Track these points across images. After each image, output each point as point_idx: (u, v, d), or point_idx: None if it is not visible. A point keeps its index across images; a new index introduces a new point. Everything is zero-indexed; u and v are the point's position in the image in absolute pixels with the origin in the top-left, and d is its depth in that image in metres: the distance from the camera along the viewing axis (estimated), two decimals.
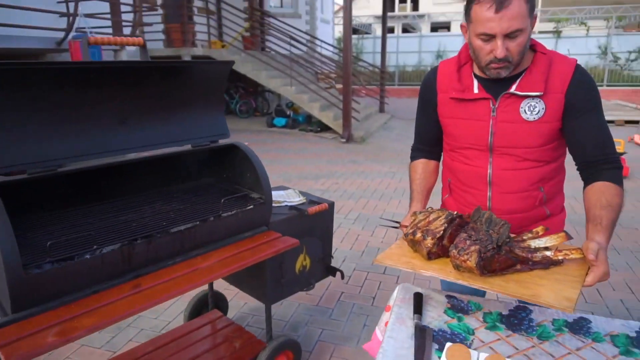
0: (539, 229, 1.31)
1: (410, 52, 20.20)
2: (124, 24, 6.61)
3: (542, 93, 1.31)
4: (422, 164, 1.65)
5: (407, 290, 1.45)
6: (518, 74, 1.34)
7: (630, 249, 3.68)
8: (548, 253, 1.22)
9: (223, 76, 1.98)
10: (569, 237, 1.25)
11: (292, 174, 5.96)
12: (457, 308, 1.35)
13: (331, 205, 2.33)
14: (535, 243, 1.27)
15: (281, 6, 13.96)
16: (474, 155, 1.45)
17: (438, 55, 19.52)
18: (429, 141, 1.63)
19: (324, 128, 9.31)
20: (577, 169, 1.41)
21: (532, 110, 1.32)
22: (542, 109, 1.32)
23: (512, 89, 1.33)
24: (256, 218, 1.92)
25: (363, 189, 5.45)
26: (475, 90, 1.39)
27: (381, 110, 12.25)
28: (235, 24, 10.21)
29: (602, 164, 1.34)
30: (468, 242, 1.21)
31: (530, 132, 1.34)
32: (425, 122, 1.60)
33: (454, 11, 24.26)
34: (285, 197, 2.34)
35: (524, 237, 1.30)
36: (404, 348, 1.18)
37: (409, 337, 1.22)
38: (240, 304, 2.88)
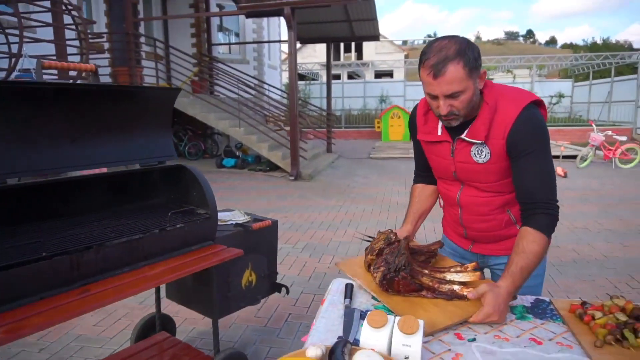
0: (470, 265, 1.46)
1: (356, 97, 21.19)
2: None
3: (483, 141, 1.43)
4: (419, 188, 1.79)
5: (341, 283, 1.62)
6: (470, 120, 1.45)
7: (553, 263, 4.05)
8: (455, 287, 1.39)
9: (170, 102, 2.14)
10: (482, 277, 1.41)
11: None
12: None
13: (274, 223, 2.49)
14: (451, 276, 1.44)
15: (229, 52, 14.39)
16: (449, 183, 1.64)
17: (381, 99, 20.59)
18: (424, 167, 1.74)
19: (273, 168, 9.51)
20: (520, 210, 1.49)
21: (480, 154, 1.46)
22: (488, 153, 1.44)
23: (463, 135, 1.46)
24: (202, 232, 2.04)
25: (311, 221, 5.62)
26: (439, 133, 1.54)
27: (328, 150, 12.66)
28: (185, 68, 10.42)
29: (532, 208, 1.40)
30: (382, 263, 1.44)
31: (482, 171, 1.49)
32: (417, 151, 1.75)
33: (395, 59, 25.83)
34: (231, 216, 2.48)
35: (451, 269, 1.47)
36: (334, 325, 1.33)
37: (340, 317, 1.38)
38: (189, 328, 2.91)
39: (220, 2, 13.81)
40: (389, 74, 31.31)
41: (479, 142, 1.44)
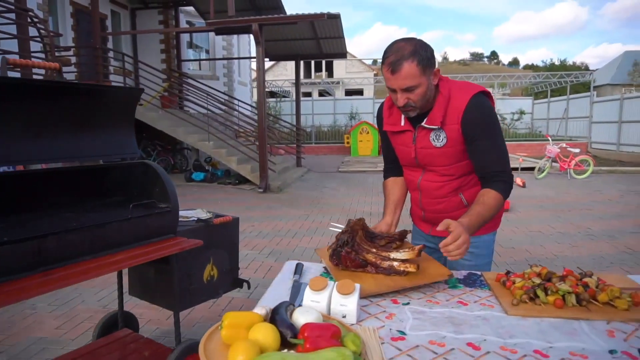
0: (418, 247, 1.56)
1: (326, 113, 21.54)
2: (35, 77, 6.59)
3: (439, 127, 1.63)
4: (391, 181, 1.96)
5: (292, 264, 1.73)
6: (429, 110, 1.66)
7: (507, 262, 4.27)
8: (395, 264, 1.53)
9: (133, 102, 2.24)
10: (419, 254, 1.55)
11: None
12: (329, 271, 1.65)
13: (235, 219, 2.59)
14: (394, 254, 1.57)
15: (199, 69, 14.47)
16: (412, 169, 1.84)
17: (351, 116, 20.99)
18: (392, 159, 1.93)
19: (243, 181, 9.57)
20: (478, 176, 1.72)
21: (437, 138, 1.66)
22: (445, 137, 1.65)
23: (423, 123, 1.66)
24: (163, 225, 2.12)
25: (277, 229, 5.71)
26: (402, 124, 1.74)
27: (298, 164, 12.80)
28: (154, 83, 10.43)
29: (490, 178, 1.64)
30: (335, 241, 1.61)
31: (440, 155, 1.69)
32: (386, 145, 1.93)
33: (364, 77, 26.44)
34: (194, 213, 2.56)
35: (399, 249, 1.61)
36: (282, 296, 1.44)
37: (288, 289, 1.49)
38: (152, 328, 2.94)
39: (189, 19, 13.95)
40: (359, 92, 31.97)
41: (436, 127, 1.64)
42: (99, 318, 3.01)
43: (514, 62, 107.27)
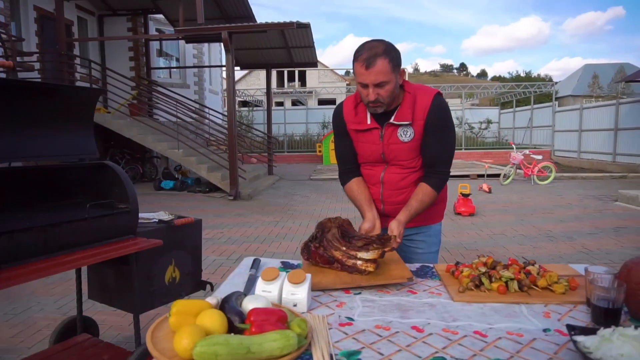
0: (384, 249, 1.58)
1: (298, 123, 21.61)
2: None
3: (410, 122, 1.75)
4: (355, 182, 1.97)
5: (250, 259, 1.75)
6: (395, 108, 1.77)
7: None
8: (358, 262, 1.56)
9: (92, 101, 2.22)
10: (381, 255, 1.56)
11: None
12: (287, 265, 1.68)
13: (198, 221, 2.58)
14: (361, 254, 1.58)
15: (170, 77, 14.34)
16: (374, 165, 1.91)
17: (323, 125, 21.12)
18: (351, 160, 1.97)
19: (213, 189, 9.49)
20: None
21: (405, 134, 1.78)
22: (412, 132, 1.77)
23: (392, 120, 1.76)
24: (122, 225, 2.10)
25: (246, 235, 5.69)
26: (368, 122, 1.82)
27: (270, 172, 12.79)
28: (123, 91, 10.27)
29: (431, 172, 1.82)
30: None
31: (406, 149, 1.80)
32: (344, 144, 1.95)
33: (336, 86, 26.69)
34: (156, 215, 2.55)
35: (369, 248, 1.60)
36: (238, 287, 1.46)
37: (243, 282, 1.51)
38: (114, 334, 2.89)
39: (159, 26, 13.84)
40: (332, 102, 32.20)
41: (407, 123, 1.75)
42: None
43: (482, 74, 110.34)
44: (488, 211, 7.22)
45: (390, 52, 1.64)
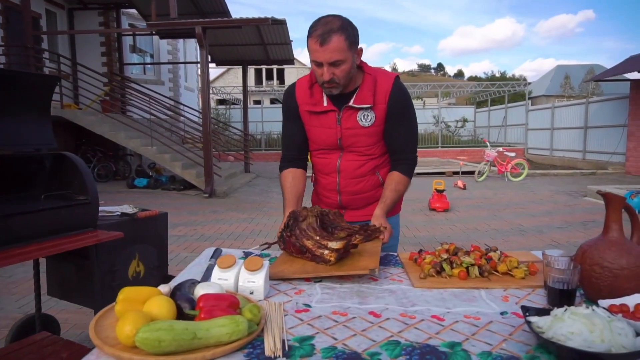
0: (355, 240, 1.57)
1: (276, 121, 21.48)
2: None
3: (371, 105, 1.66)
4: (291, 173, 1.84)
5: (211, 250, 1.71)
6: (354, 90, 1.67)
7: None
8: (325, 252, 1.50)
9: (48, 90, 2.14)
10: (349, 246, 1.51)
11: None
12: (248, 255, 1.64)
13: (163, 214, 2.52)
14: (331, 244, 1.52)
15: (144, 73, 14.07)
16: (328, 152, 1.80)
17: None
18: (297, 147, 1.85)
19: (188, 187, 9.35)
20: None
21: (366, 118, 1.68)
22: (373, 117, 1.68)
23: (351, 103, 1.66)
24: (81, 218, 2.03)
25: (220, 232, 5.62)
26: (325, 104, 1.70)
27: (246, 170, 12.68)
28: (95, 87, 10.02)
29: (399, 159, 1.76)
30: None
31: (366, 134, 1.70)
32: (291, 128, 1.83)
33: None
34: (119, 208, 2.47)
35: (339, 236, 1.59)
36: (195, 276, 1.42)
37: (201, 272, 1.47)
38: (78, 332, 2.80)
39: (132, 21, 13.56)
40: None
41: (367, 106, 1.66)
42: None
43: (459, 74, 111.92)
44: (462, 207, 7.30)
45: (347, 29, 1.52)
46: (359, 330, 1.04)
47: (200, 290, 1.10)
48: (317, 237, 1.55)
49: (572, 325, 0.92)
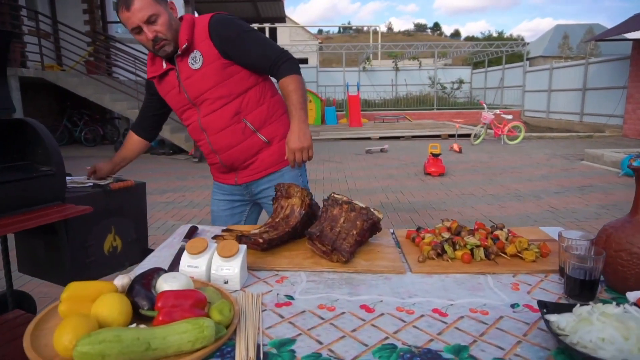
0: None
1: None
2: None
3: (186, 45, 1.60)
4: (129, 136, 2.03)
5: (187, 227, 1.54)
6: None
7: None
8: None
9: (3, 47, 1.90)
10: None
11: None
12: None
13: (140, 184, 2.34)
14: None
15: (129, 32, 13.46)
16: (188, 114, 1.77)
17: None
18: (141, 116, 2.02)
19: (177, 151, 9.12)
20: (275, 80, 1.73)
21: (195, 61, 1.63)
22: (200, 56, 1.62)
23: (178, 52, 1.63)
24: (46, 191, 1.84)
25: (210, 199, 5.44)
26: (164, 66, 1.70)
27: None
28: (77, 47, 9.56)
29: (275, 67, 1.63)
30: None
31: (203, 77, 1.64)
32: (148, 102, 1.96)
33: (308, 44, 25.92)
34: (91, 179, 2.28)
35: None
36: (163, 261, 1.25)
37: (171, 255, 1.31)
38: None
39: None
40: (304, 61, 31.38)
41: (186, 46, 1.60)
42: None
43: (456, 34, 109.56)
44: (458, 171, 7.16)
45: None
46: (349, 331, 0.89)
47: (162, 284, 0.94)
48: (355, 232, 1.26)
49: (603, 330, 0.77)
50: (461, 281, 1.13)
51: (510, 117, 10.74)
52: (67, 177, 2.31)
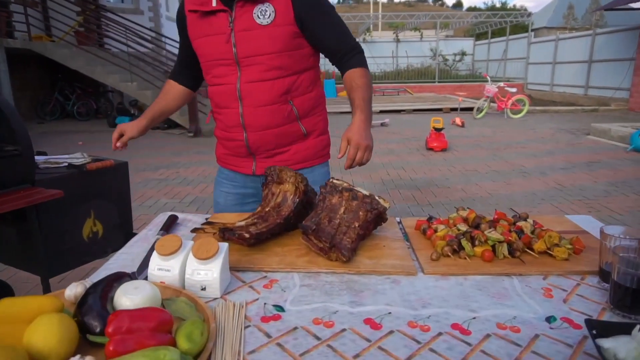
0: None
1: None
2: None
3: None
4: (168, 84, 1.66)
5: (165, 216, 1.36)
6: None
7: (442, 202, 4.13)
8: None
9: None
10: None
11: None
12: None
13: (122, 164, 2.15)
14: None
15: (121, 1, 12.99)
16: (223, 72, 1.42)
17: None
18: (182, 62, 1.62)
19: (172, 125, 8.87)
20: (336, 67, 1.49)
21: (264, 14, 1.33)
22: (273, 12, 1.33)
23: None
24: (12, 173, 1.66)
25: (204, 175, 5.27)
26: (214, 4, 1.37)
27: None
28: (67, 17, 9.18)
29: (345, 56, 1.43)
30: None
31: (267, 36, 1.35)
32: (182, 44, 1.56)
33: None
34: (68, 158, 2.09)
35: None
36: (133, 261, 1.08)
37: (144, 251, 1.13)
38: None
39: None
40: None
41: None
42: None
43: (458, 4, 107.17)
44: (461, 146, 6.96)
45: None
46: (351, 357, 0.72)
47: (121, 298, 0.77)
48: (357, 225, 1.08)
49: None
50: (483, 285, 0.95)
51: (514, 90, 10.44)
52: (42, 157, 2.12)
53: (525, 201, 4.22)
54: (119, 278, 0.85)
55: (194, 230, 1.16)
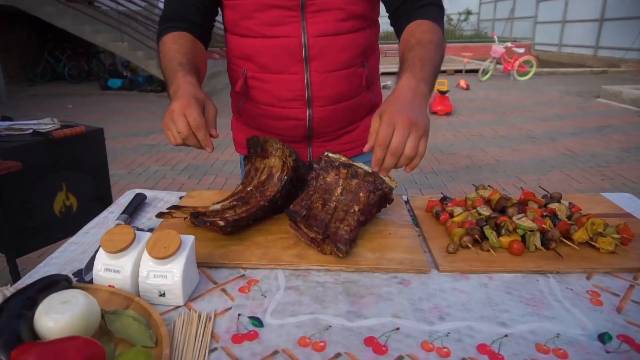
0: None
1: None
2: None
3: None
4: (174, 36, 1.01)
5: (131, 194, 1.16)
6: None
7: (447, 170, 3.92)
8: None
9: None
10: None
11: (118, 132, 5.27)
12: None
13: (96, 131, 1.93)
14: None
15: None
16: (278, 19, 0.99)
17: None
18: (184, 12, 1.04)
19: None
20: (391, 23, 1.07)
21: None
22: None
23: None
24: None
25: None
26: None
27: None
28: None
29: (417, 5, 1.01)
30: None
31: None
32: None
33: None
34: (35, 124, 1.87)
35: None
36: (85, 253, 0.89)
37: (97, 242, 0.94)
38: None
39: None
40: None
41: None
42: None
43: None
44: (466, 110, 6.68)
45: None
46: None
47: (43, 318, 0.58)
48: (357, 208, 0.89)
49: None
50: (512, 286, 0.77)
51: (522, 50, 10.03)
52: (5, 122, 1.91)
53: (535, 169, 4.02)
54: (52, 284, 0.67)
55: (159, 215, 0.96)
